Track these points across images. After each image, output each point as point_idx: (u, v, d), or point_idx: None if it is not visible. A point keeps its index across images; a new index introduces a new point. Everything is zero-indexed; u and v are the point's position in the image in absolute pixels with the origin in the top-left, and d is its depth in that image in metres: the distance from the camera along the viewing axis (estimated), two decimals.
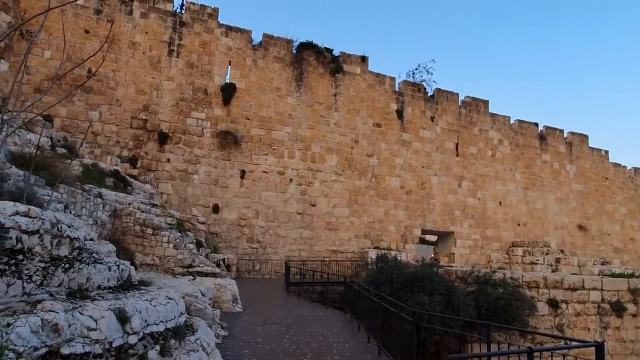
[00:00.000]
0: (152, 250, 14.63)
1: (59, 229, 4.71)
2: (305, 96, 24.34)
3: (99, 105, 20.30)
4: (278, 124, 23.42)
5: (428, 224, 26.23)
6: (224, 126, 22.25)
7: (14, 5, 19.24)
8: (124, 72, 20.98)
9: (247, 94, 23.04)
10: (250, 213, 21.97)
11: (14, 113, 6.81)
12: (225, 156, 22.01)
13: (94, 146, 19.75)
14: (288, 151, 23.38)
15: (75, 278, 5.08)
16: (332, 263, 21.68)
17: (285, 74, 24.11)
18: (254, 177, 22.39)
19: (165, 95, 21.54)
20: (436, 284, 14.18)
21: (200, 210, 20.90)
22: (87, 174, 15.40)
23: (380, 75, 26.65)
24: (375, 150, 25.55)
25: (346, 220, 23.99)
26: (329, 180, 23.98)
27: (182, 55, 22.15)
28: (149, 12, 21.81)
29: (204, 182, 21.42)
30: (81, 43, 20.21)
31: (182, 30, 22.33)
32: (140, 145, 20.70)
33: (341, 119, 24.97)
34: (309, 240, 22.93)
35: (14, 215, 3.93)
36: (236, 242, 21.41)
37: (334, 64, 25.30)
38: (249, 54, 23.50)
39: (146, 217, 14.80)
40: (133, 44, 21.35)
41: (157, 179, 20.64)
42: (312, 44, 24.91)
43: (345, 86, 25.42)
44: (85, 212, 12.86)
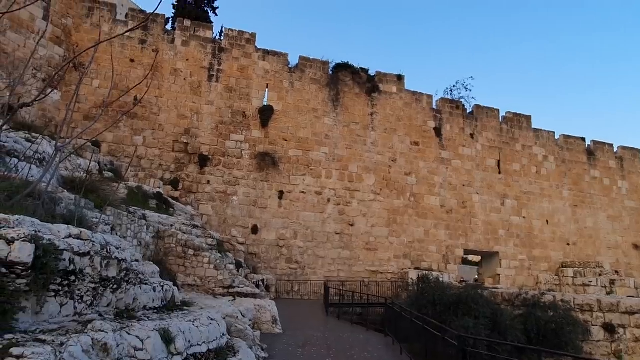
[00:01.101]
0: (193, 271, 14.84)
1: (108, 251, 4.82)
2: (342, 116, 24.45)
3: (143, 130, 21.10)
4: (315, 145, 23.56)
5: (471, 244, 25.42)
6: (262, 148, 22.59)
7: (66, 39, 20.51)
8: (167, 98, 21.79)
9: (284, 115, 23.38)
10: (288, 233, 22.02)
11: (66, 140, 7.14)
12: (263, 177, 22.29)
13: (139, 169, 20.45)
14: (325, 171, 23.42)
15: (123, 298, 5.17)
16: (372, 284, 21.30)
17: (322, 95, 24.35)
18: (292, 197, 22.50)
19: (206, 119, 22.16)
20: (481, 306, 13.65)
21: (239, 231, 21.12)
22: (132, 197, 15.88)
23: (417, 93, 26.47)
24: (414, 168, 25.20)
25: (385, 240, 23.61)
26: (367, 200, 23.77)
27: (222, 80, 22.81)
28: (190, 40, 22.69)
29: (243, 203, 21.71)
30: (127, 71, 21.20)
31: (221, 56, 23.05)
32: (182, 168, 21.28)
33: (378, 138, 24.86)
34: (348, 260, 22.68)
35: (67, 237, 4.04)
36: (275, 262, 21.44)
37: (369, 83, 25.36)
38: (285, 76, 23.94)
39: (188, 238, 15.08)
40: (175, 70, 22.19)
41: (197, 200, 21.09)
42: (348, 64, 25.12)
43: (381, 105, 25.37)
44: (130, 233, 13.23)
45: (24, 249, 3.28)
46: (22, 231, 3.39)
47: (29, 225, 3.63)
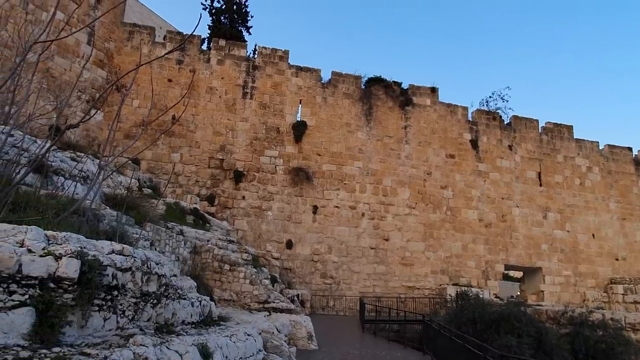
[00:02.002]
0: (229, 286, 14.96)
1: (148, 266, 4.89)
2: (375, 130, 24.35)
3: (180, 147, 21.68)
4: (349, 159, 23.53)
5: (511, 259, 24.54)
6: (296, 163, 22.74)
7: (108, 62, 21.47)
8: (203, 116, 22.35)
9: (317, 130, 23.51)
10: (323, 248, 21.93)
11: (108, 159, 7.38)
12: (297, 192, 22.38)
13: (176, 186, 20.96)
14: (359, 185, 23.30)
15: (162, 313, 5.23)
16: (408, 300, 20.84)
17: (355, 109, 24.37)
18: (326, 212, 22.46)
19: (240, 136, 22.55)
20: (524, 324, 13.11)
21: (274, 245, 21.21)
22: (170, 213, 16.25)
23: (452, 105, 26.09)
24: (450, 182, 24.70)
25: (421, 255, 23.13)
26: (402, 214, 23.43)
27: (256, 97, 23.22)
28: (224, 59, 23.29)
29: (277, 218, 21.83)
30: (165, 91, 21.92)
31: (255, 74, 23.51)
32: (218, 184, 21.66)
33: (412, 152, 24.57)
34: (383, 275, 22.32)
35: (110, 253, 4.13)
36: (310, 277, 21.36)
37: (402, 96, 25.21)
38: (318, 92, 24.13)
39: (224, 253, 15.25)
40: (210, 89, 22.78)
41: (233, 215, 21.36)
42: (380, 78, 25.10)
43: (415, 118, 25.13)
44: (168, 248, 13.50)
45: (70, 264, 3.37)
46: (69, 247, 3.48)
47: (75, 242, 3.72)
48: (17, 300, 3.02)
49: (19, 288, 3.08)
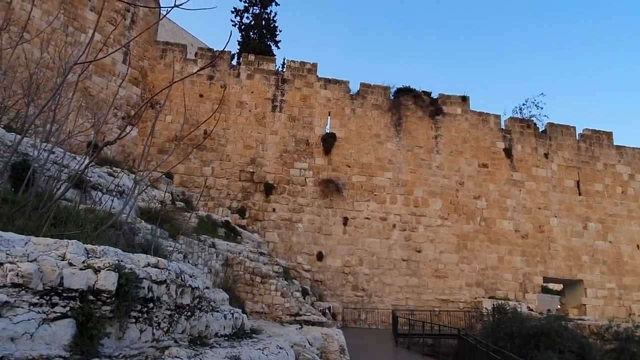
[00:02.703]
0: (261, 298, 14.98)
1: (182, 279, 4.94)
2: (405, 141, 24.14)
3: (212, 161, 22.07)
4: (379, 170, 23.38)
5: (550, 271, 23.63)
6: (326, 175, 22.75)
7: (142, 79, 22.21)
8: (233, 130, 22.72)
9: (347, 142, 23.50)
10: (354, 260, 21.76)
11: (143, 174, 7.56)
12: (327, 204, 22.35)
13: (208, 199, 21.30)
14: (390, 197, 23.07)
15: (196, 325, 5.26)
16: (443, 313, 20.35)
17: (384, 120, 24.27)
18: (356, 223, 22.32)
19: (270, 148, 22.78)
20: (566, 339, 12.60)
21: (304, 258, 21.20)
22: (202, 225, 16.48)
23: (484, 113, 25.60)
24: (483, 192, 24.13)
25: (455, 267, 22.60)
26: (434, 225, 23.01)
27: (285, 110, 23.47)
28: (254, 73, 23.70)
29: (307, 230, 21.84)
30: (196, 106, 22.45)
31: (284, 87, 23.79)
32: (248, 197, 21.89)
33: (443, 162, 24.20)
34: (416, 288, 21.90)
35: (146, 266, 4.20)
36: (341, 290, 21.19)
37: (432, 106, 24.95)
38: (347, 103, 24.18)
39: (255, 265, 15.31)
40: (241, 103, 23.17)
41: (263, 228, 21.51)
42: (410, 88, 24.93)
43: (445, 128, 24.78)
44: (201, 261, 13.67)
45: (108, 277, 3.43)
46: (107, 261, 3.55)
47: (112, 255, 3.80)
48: (58, 312, 3.09)
49: (61, 300, 3.15)
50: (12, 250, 3.17)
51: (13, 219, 4.35)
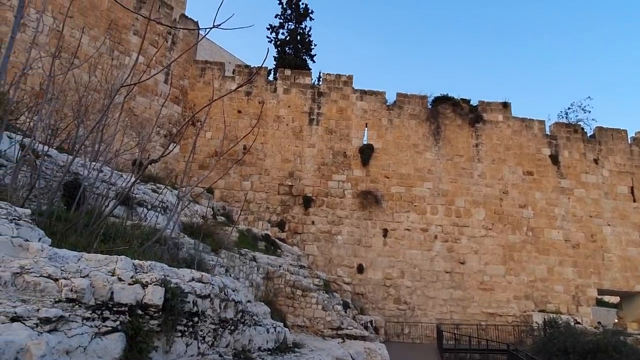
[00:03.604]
0: (302, 312, 14.93)
1: (225, 293, 4.97)
2: (444, 150, 23.68)
3: (251, 175, 22.41)
4: (418, 180, 23.01)
5: (605, 283, 22.33)
6: (364, 186, 22.61)
7: (183, 98, 22.97)
8: (271, 144, 23.02)
9: (384, 153, 23.31)
10: (395, 272, 21.39)
11: (185, 189, 7.73)
12: (366, 216, 22.17)
13: (247, 213, 21.58)
14: (430, 207, 22.62)
15: (239, 339, 5.27)
16: (490, 327, 19.60)
17: (422, 129, 23.94)
18: (396, 235, 21.98)
19: (308, 161, 22.91)
20: (625, 355, 11.86)
21: (345, 270, 21.04)
22: (242, 239, 16.69)
23: (527, 119, 24.77)
24: (529, 200, 23.23)
25: (502, 279, 21.76)
26: (478, 236, 22.31)
27: (322, 123, 23.58)
28: (290, 88, 24.01)
29: (347, 243, 21.70)
30: (235, 122, 22.93)
31: (320, 100, 23.95)
32: (287, 210, 22.03)
33: (486, 170, 23.52)
34: (461, 301, 21.22)
35: (190, 281, 4.26)
36: (382, 303, 20.84)
37: (472, 114, 24.40)
38: (384, 114, 24.04)
39: (295, 279, 15.31)
40: (278, 117, 23.49)
41: (303, 241, 21.54)
42: (447, 96, 24.53)
43: (487, 135, 24.14)
44: (242, 275, 13.80)
45: (156, 292, 3.49)
46: (153, 276, 3.62)
47: (159, 270, 3.86)
48: (109, 326, 3.15)
49: (111, 314, 3.22)
50: (66, 267, 3.27)
51: (66, 236, 4.52)
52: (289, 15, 29.54)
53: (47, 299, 2.96)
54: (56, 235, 4.30)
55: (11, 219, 3.57)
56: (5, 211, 3.61)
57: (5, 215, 3.57)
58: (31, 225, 3.75)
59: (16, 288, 2.96)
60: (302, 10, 29.50)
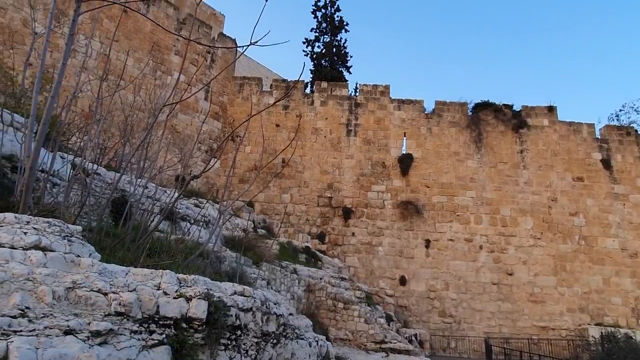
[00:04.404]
0: (344, 325, 14.79)
1: (267, 307, 4.97)
2: (487, 157, 23.02)
3: (290, 188, 22.58)
4: (460, 189, 22.44)
5: None
6: (404, 196, 22.29)
7: (222, 114, 23.57)
8: (309, 156, 23.15)
9: (424, 162, 22.94)
10: (439, 284, 20.84)
11: (226, 203, 7.85)
12: (408, 226, 21.80)
13: (287, 225, 21.72)
14: (474, 216, 21.97)
15: (282, 353, 5.24)
16: (542, 342, 18.69)
17: (463, 137, 23.42)
18: (439, 246, 21.47)
19: (347, 173, 22.86)
20: None
21: (387, 282, 20.71)
22: (283, 252, 16.79)
23: (574, 123, 23.73)
24: (580, 207, 22.12)
25: (553, 290, 20.73)
26: (526, 246, 21.42)
27: (359, 134, 23.53)
28: (327, 100, 24.14)
29: (388, 254, 21.38)
30: (273, 135, 23.24)
31: (357, 111, 23.92)
32: (327, 222, 22.00)
33: (532, 177, 22.64)
34: (510, 314, 20.37)
35: (233, 294, 4.29)
36: (427, 316, 20.32)
37: (515, 119, 23.64)
38: (422, 123, 23.71)
39: (337, 291, 15.21)
40: (315, 129, 23.63)
41: (343, 252, 21.42)
42: (488, 102, 23.92)
43: (532, 141, 23.28)
44: (283, 287, 13.85)
45: (199, 305, 3.53)
46: (197, 289, 3.67)
47: (202, 284, 3.91)
48: (156, 340, 3.21)
49: (157, 328, 3.28)
50: (115, 281, 3.36)
51: (115, 251, 4.68)
52: (325, 29, 29.85)
53: (97, 313, 3.05)
54: (105, 250, 4.44)
55: (64, 236, 3.72)
56: (59, 228, 3.77)
57: (58, 232, 3.72)
58: (82, 241, 3.89)
59: (69, 302, 3.06)
60: (337, 23, 29.74)
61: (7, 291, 2.80)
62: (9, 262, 3.07)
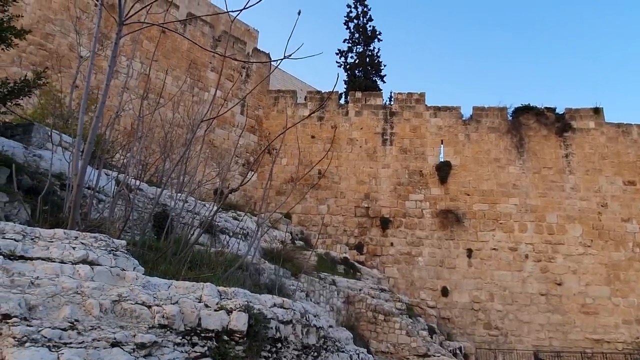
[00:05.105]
0: (385, 337, 14.54)
1: (307, 319, 4.93)
2: (530, 162, 22.24)
3: (327, 199, 22.58)
4: (502, 196, 21.74)
5: None
6: (444, 205, 21.82)
7: (258, 127, 23.96)
8: (345, 167, 23.11)
9: (463, 169, 22.42)
10: (483, 295, 20.16)
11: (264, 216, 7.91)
12: (448, 235, 21.30)
13: (325, 236, 21.67)
14: (518, 224, 21.19)
15: None
16: (597, 355, 17.76)
17: (503, 143, 22.75)
18: (482, 255, 20.81)
19: (383, 182, 22.65)
20: None
21: (428, 293, 20.25)
22: (321, 263, 16.73)
23: (623, 125, 22.59)
24: (633, 213, 20.92)
25: (607, 301, 19.62)
26: (575, 254, 20.43)
27: (395, 143, 23.30)
28: (362, 110, 24.09)
29: (429, 264, 20.93)
30: (309, 147, 23.36)
31: (392, 120, 23.74)
32: (365, 232, 21.82)
33: (579, 182, 21.65)
34: (560, 326, 19.41)
35: (272, 307, 4.28)
36: (471, 328, 19.67)
37: (559, 122, 22.77)
38: (460, 129, 23.24)
39: (377, 302, 14.99)
40: (351, 140, 23.59)
41: (382, 263, 21.13)
42: (529, 106, 23.17)
43: (577, 145, 22.32)
44: (322, 299, 13.78)
45: (240, 318, 3.55)
46: (237, 302, 3.68)
47: (242, 296, 3.93)
48: (198, 352, 3.24)
49: (200, 340, 3.31)
50: (158, 294, 3.43)
51: (157, 264, 4.79)
52: (357, 39, 29.91)
53: (142, 325, 3.11)
54: (148, 263, 4.55)
55: (109, 250, 3.83)
56: (105, 243, 3.89)
57: (104, 247, 3.84)
58: (127, 255, 4.00)
59: (115, 314, 3.13)
60: (369, 33, 29.75)
61: (58, 304, 2.90)
62: (59, 276, 3.19)
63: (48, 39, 16.64)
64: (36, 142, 7.02)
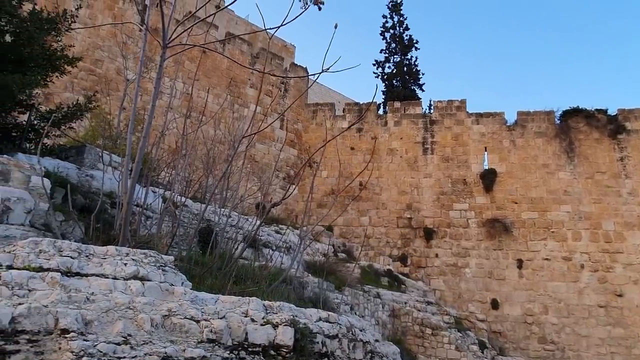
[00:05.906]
0: (433, 352, 14.14)
1: (353, 333, 4.85)
2: (581, 167, 21.17)
3: (368, 210, 22.37)
4: (553, 204, 20.77)
5: None
6: (490, 214, 21.10)
7: (298, 141, 24.18)
8: (386, 177, 22.86)
9: (509, 176, 21.65)
10: (536, 308, 19.22)
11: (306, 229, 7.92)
12: (496, 245, 20.53)
13: (367, 248, 21.43)
14: (571, 232, 20.14)
15: None
16: None
17: (551, 147, 21.81)
18: (533, 265, 19.89)
19: (426, 192, 22.21)
20: None
21: (477, 306, 19.52)
22: (365, 276, 16.55)
23: None
24: None
25: None
26: (636, 263, 19.13)
27: (436, 151, 22.86)
28: (401, 120, 23.84)
29: (476, 276, 20.22)
30: (348, 159, 23.31)
31: (433, 129, 23.33)
32: (408, 243, 21.41)
33: (637, 186, 20.34)
34: (623, 340, 18.16)
35: (318, 321, 4.23)
36: (525, 342, 18.76)
37: (611, 124, 21.59)
38: (504, 135, 22.51)
39: (423, 316, 14.63)
40: (391, 150, 23.35)
41: (427, 275, 20.62)
42: (579, 108, 22.12)
43: (633, 147, 21.05)
44: (367, 312, 13.58)
45: (286, 332, 3.53)
46: (283, 316, 3.67)
47: (287, 311, 3.91)
48: None
49: (247, 355, 3.30)
50: (205, 309, 3.46)
51: (203, 279, 4.87)
52: (394, 49, 29.76)
53: (190, 340, 3.14)
54: (195, 278, 4.63)
55: (159, 266, 3.93)
56: (154, 259, 3.99)
57: (154, 263, 3.94)
58: (175, 270, 4.08)
59: (165, 329, 3.19)
60: (406, 42, 29.53)
61: (112, 319, 2.98)
62: (112, 292, 3.28)
63: (97, 64, 17.58)
64: (88, 163, 7.37)
